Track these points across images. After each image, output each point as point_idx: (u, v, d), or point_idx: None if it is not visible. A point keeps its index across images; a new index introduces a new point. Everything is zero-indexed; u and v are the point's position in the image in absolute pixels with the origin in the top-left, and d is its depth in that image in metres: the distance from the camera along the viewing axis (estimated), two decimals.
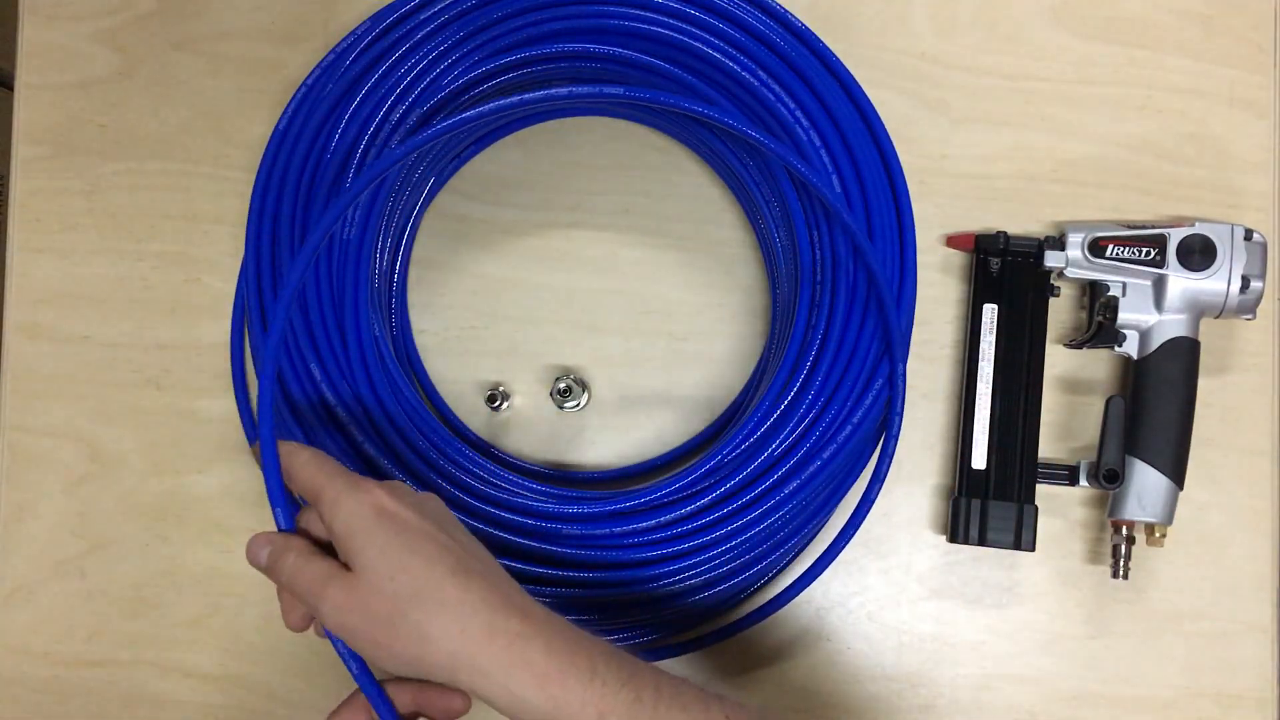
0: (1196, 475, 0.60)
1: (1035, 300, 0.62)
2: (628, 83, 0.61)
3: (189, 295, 0.66)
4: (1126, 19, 0.66)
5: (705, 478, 0.55)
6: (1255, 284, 0.59)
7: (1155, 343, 0.60)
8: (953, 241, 0.64)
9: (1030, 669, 0.62)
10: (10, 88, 0.68)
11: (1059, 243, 0.61)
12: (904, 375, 0.57)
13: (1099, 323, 0.61)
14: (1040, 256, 0.61)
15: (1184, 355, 0.59)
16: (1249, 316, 0.60)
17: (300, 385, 0.57)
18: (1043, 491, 0.61)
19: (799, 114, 0.57)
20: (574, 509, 0.55)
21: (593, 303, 0.65)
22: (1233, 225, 0.59)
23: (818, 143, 0.57)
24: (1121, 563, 0.60)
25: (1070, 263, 0.60)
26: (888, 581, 0.63)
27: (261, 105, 0.67)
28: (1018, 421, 0.60)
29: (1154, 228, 0.60)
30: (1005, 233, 0.62)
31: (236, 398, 0.65)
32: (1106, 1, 0.66)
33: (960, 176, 0.65)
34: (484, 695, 0.41)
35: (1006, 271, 0.62)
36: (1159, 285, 0.59)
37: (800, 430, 0.55)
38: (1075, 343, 0.63)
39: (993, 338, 0.61)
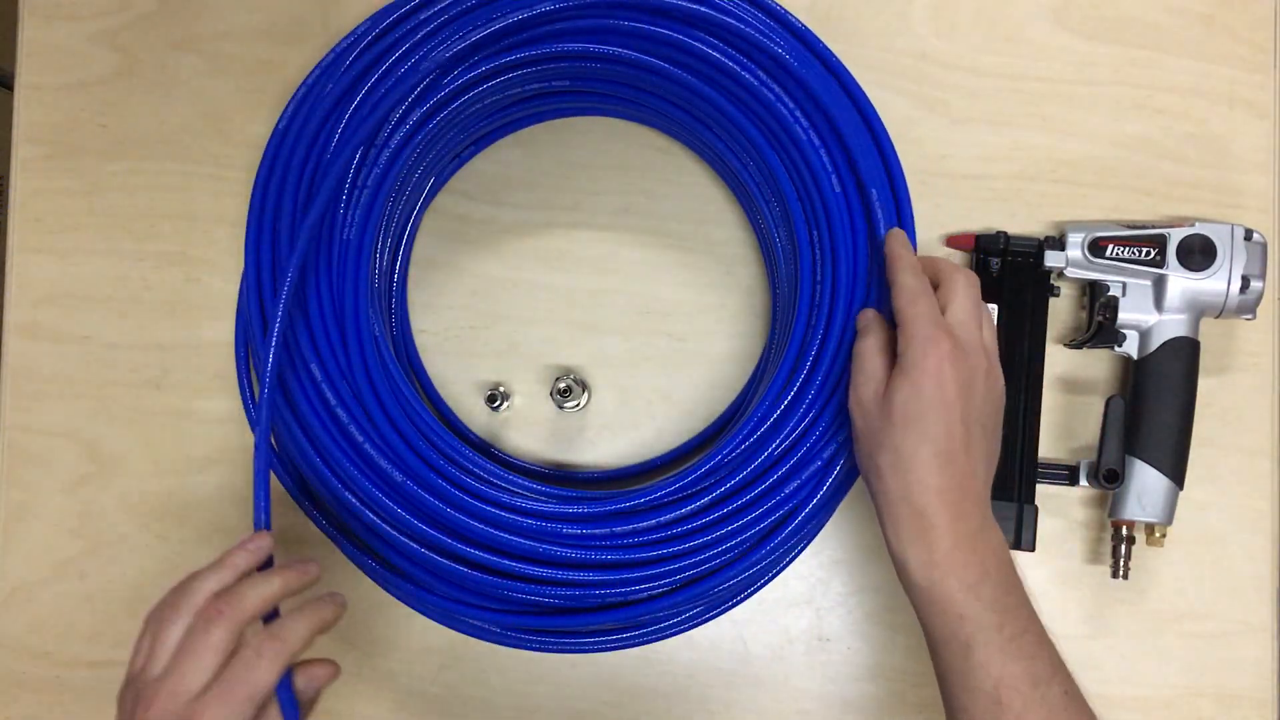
0: (1196, 475, 0.60)
1: (1035, 300, 0.62)
2: (628, 84, 0.61)
3: (189, 295, 0.66)
4: (1126, 19, 0.66)
5: (705, 478, 0.55)
6: (1255, 284, 0.59)
7: (1155, 343, 0.60)
8: (953, 241, 0.64)
9: None
10: (10, 88, 0.68)
11: (1059, 243, 0.61)
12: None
13: (1099, 323, 0.61)
14: (1040, 256, 0.61)
15: (1184, 355, 0.59)
16: (1249, 316, 0.60)
17: (300, 385, 0.57)
18: (1043, 491, 0.61)
19: (799, 114, 0.57)
20: (574, 509, 0.55)
21: (593, 303, 0.65)
22: (1233, 225, 0.59)
23: (817, 143, 0.57)
24: (1121, 563, 0.60)
25: (1070, 263, 0.60)
26: (888, 581, 0.63)
27: (261, 105, 0.67)
28: (1018, 421, 0.60)
29: (1154, 228, 0.60)
30: (1005, 233, 0.62)
31: (243, 397, 0.65)
32: (1106, 1, 0.66)
33: (960, 176, 0.65)
34: (882, 519, 0.50)
35: (1006, 271, 0.62)
36: (1159, 285, 0.59)
37: (800, 430, 0.55)
38: (1075, 343, 0.63)
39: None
